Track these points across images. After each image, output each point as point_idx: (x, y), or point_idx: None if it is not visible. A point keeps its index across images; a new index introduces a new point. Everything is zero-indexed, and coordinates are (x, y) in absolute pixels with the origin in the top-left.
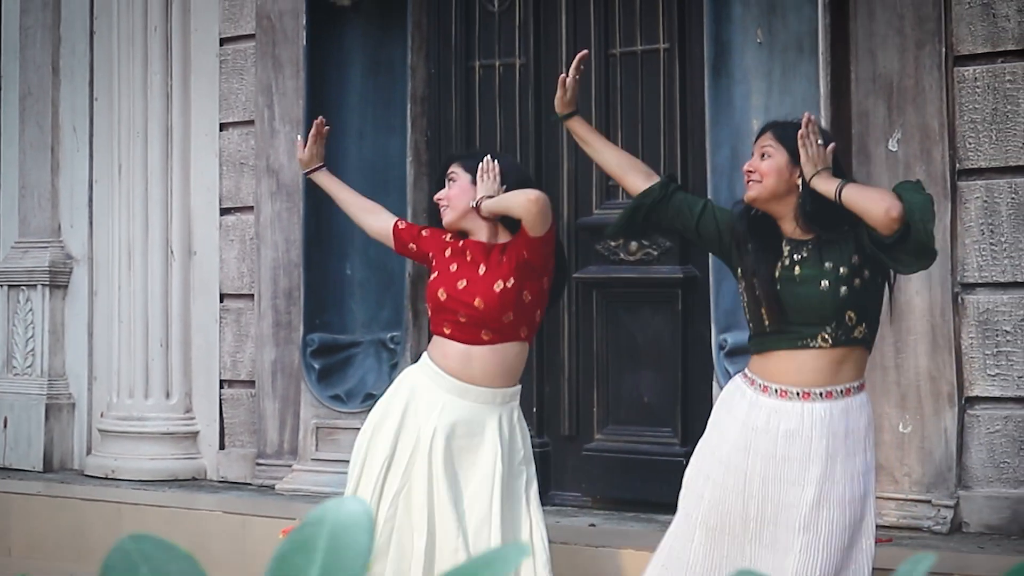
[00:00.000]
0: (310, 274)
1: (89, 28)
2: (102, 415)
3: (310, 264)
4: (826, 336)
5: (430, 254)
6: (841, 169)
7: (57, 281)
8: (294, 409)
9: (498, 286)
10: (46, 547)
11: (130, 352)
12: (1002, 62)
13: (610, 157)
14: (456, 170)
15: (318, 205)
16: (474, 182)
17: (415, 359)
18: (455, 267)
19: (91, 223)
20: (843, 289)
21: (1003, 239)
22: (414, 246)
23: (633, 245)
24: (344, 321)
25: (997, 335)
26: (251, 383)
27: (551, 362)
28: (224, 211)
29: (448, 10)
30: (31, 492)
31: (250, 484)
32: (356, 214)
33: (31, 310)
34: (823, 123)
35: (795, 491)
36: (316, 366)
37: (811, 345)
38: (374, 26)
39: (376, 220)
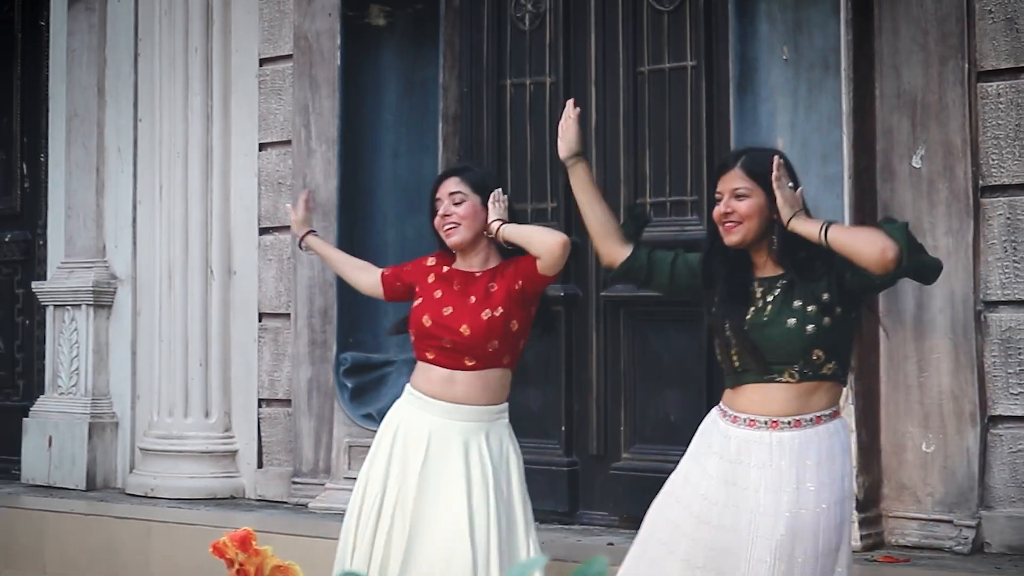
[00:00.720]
0: (344, 293)
1: (134, 50)
2: (144, 434)
3: (343, 283)
4: (793, 373)
5: (413, 283)
6: (806, 207)
7: (101, 301)
8: (329, 428)
9: (486, 314)
10: (80, 565)
11: (170, 371)
12: None
13: (598, 214)
14: (464, 190)
15: (352, 224)
16: (484, 204)
17: None
18: (439, 294)
19: (135, 243)
20: (810, 328)
21: None
22: (400, 284)
23: None
24: (377, 340)
25: (1020, 353)
26: (288, 402)
27: (579, 381)
28: (263, 231)
29: (480, 29)
30: (65, 510)
31: (286, 503)
32: (348, 273)
33: (76, 329)
34: (846, 141)
35: (768, 521)
36: (349, 385)
37: (778, 380)
38: (408, 45)
39: (366, 275)
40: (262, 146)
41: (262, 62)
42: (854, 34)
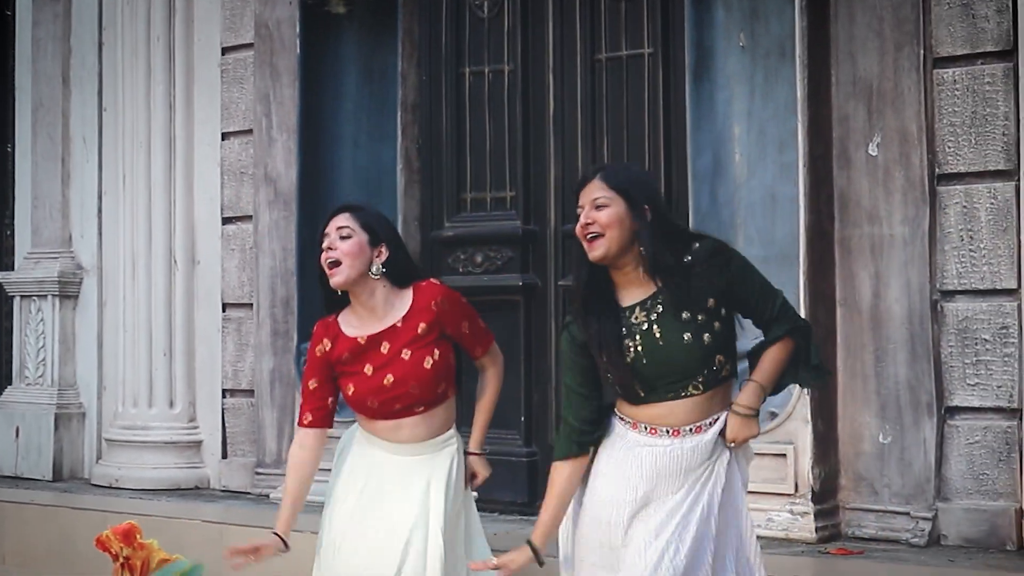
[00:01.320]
0: (304, 283)
1: (98, 39)
2: (110, 424)
3: (304, 272)
4: (697, 385)
5: (330, 375)
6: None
7: (67, 291)
8: (291, 418)
9: (428, 363)
10: (37, 556)
11: (134, 362)
12: (981, 64)
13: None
14: (352, 225)
15: (313, 213)
16: (372, 243)
17: None
18: (370, 369)
19: (100, 233)
20: (706, 337)
21: (982, 245)
22: (326, 397)
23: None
24: None
25: (976, 344)
26: (251, 392)
27: (539, 371)
28: (225, 220)
29: (439, 17)
30: (24, 501)
31: (250, 493)
32: (309, 476)
33: (42, 320)
34: (801, 128)
35: (661, 519)
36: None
37: (682, 395)
38: (367, 33)
39: (308, 451)
40: (224, 135)
41: (224, 51)
42: (809, 21)
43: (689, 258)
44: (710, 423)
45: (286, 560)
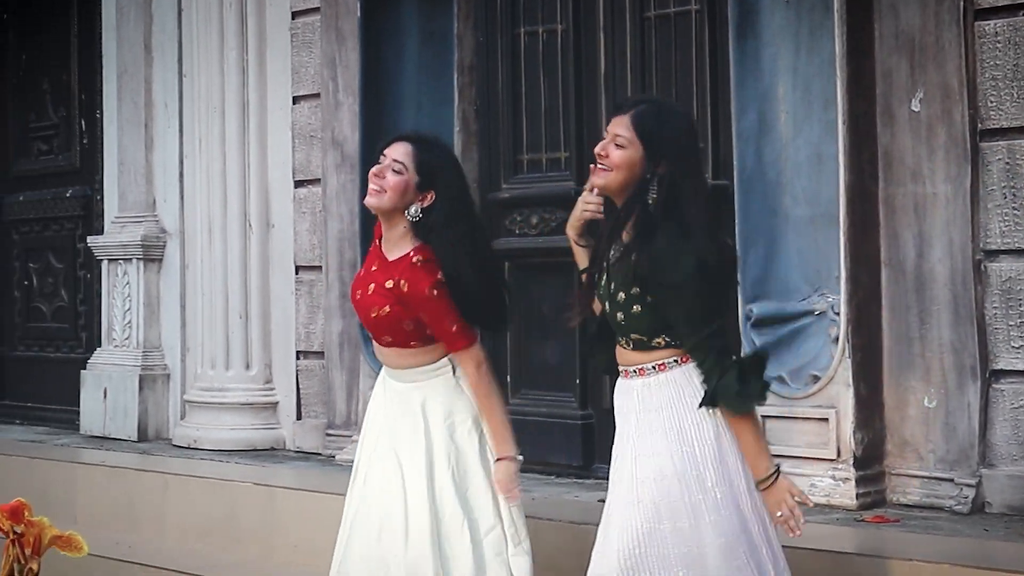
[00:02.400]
0: (367, 245)
1: (178, 5)
2: (190, 386)
3: (367, 235)
4: (628, 341)
5: None
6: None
7: (151, 255)
8: (359, 380)
9: (373, 311)
10: (105, 517)
11: (212, 324)
12: (1023, 15)
13: None
14: (407, 163)
15: None
16: (420, 186)
17: None
18: (362, 272)
19: (182, 197)
20: (635, 308)
21: None
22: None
23: None
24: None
25: (1021, 305)
26: (322, 354)
27: None
28: (297, 183)
29: None
30: (95, 462)
31: (320, 454)
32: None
33: (128, 283)
34: (840, 85)
35: (623, 466)
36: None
37: (622, 344)
38: None
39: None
40: (295, 99)
41: (294, 15)
42: None
43: (658, 244)
44: (655, 367)
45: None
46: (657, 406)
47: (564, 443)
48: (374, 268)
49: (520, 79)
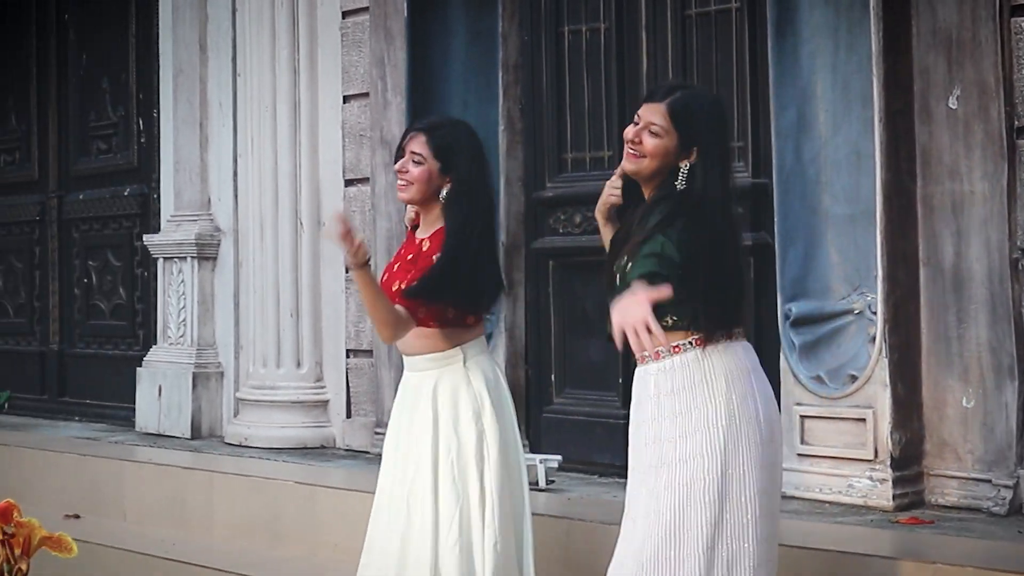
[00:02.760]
0: None
1: (232, 4)
2: (242, 384)
3: None
4: None
5: None
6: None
7: (205, 253)
8: None
9: (395, 286)
10: (152, 513)
11: (263, 322)
12: None
13: None
14: (424, 152)
15: None
16: (443, 170)
17: (509, 331)
18: (392, 259)
19: (236, 196)
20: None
21: None
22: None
23: None
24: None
25: None
26: (371, 352)
27: None
28: (347, 182)
29: None
30: (142, 459)
31: (369, 453)
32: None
33: (183, 281)
34: (876, 82)
35: (642, 454)
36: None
37: None
38: None
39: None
40: (345, 98)
41: (344, 14)
42: None
43: (678, 228)
44: (669, 350)
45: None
46: (671, 389)
47: (607, 442)
48: (402, 251)
49: (564, 78)
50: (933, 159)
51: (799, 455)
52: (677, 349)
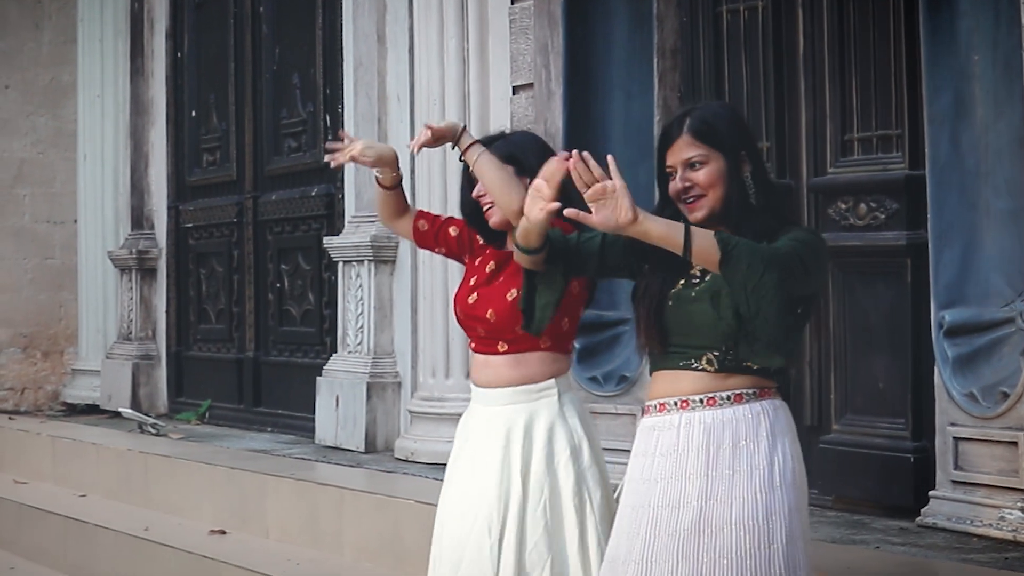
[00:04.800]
0: None
1: None
2: (413, 395)
3: None
4: (711, 358)
5: (462, 254)
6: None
7: (382, 256)
8: None
9: (511, 295)
10: (293, 529)
11: (432, 331)
12: None
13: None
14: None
15: None
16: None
17: None
18: (474, 279)
19: (414, 194)
20: (731, 313)
21: None
22: (443, 248)
23: (862, 208)
24: (612, 297)
25: None
26: None
27: None
28: None
29: None
30: (283, 474)
31: None
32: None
33: (360, 286)
34: None
35: (671, 516)
36: (577, 345)
37: (693, 367)
38: None
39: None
40: (515, 89)
41: (513, 0)
42: None
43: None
44: (729, 398)
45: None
46: (730, 443)
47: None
48: (489, 268)
49: (723, 62)
50: None
51: (953, 482)
52: (738, 399)
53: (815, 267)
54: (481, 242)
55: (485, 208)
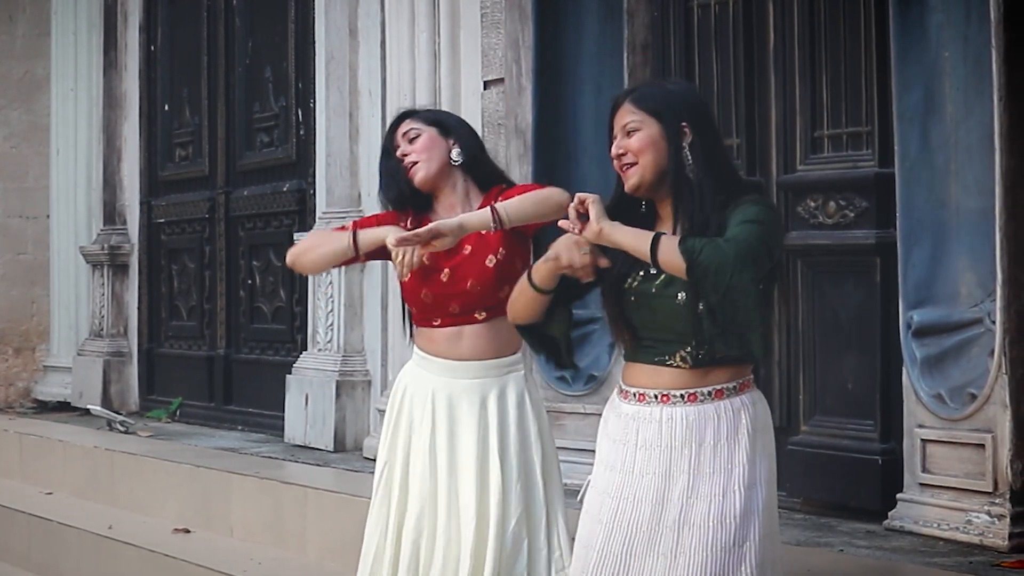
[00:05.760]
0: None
1: None
2: (381, 394)
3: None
4: (684, 355)
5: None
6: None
7: None
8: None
9: (490, 261)
10: (255, 529)
11: (399, 327)
12: None
13: None
14: (416, 125)
15: (551, 166)
16: (442, 134)
17: None
18: (427, 260)
19: None
20: (701, 304)
21: None
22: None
23: (831, 206)
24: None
25: None
26: None
27: None
28: None
29: None
30: (248, 472)
31: None
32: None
33: (330, 283)
34: (996, 53)
35: (654, 511)
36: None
37: (668, 363)
38: None
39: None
40: (486, 84)
41: None
42: None
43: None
44: (710, 393)
45: None
46: (712, 441)
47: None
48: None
49: (694, 58)
50: None
51: (921, 484)
52: (719, 395)
53: (775, 243)
54: (409, 223)
55: (411, 164)
